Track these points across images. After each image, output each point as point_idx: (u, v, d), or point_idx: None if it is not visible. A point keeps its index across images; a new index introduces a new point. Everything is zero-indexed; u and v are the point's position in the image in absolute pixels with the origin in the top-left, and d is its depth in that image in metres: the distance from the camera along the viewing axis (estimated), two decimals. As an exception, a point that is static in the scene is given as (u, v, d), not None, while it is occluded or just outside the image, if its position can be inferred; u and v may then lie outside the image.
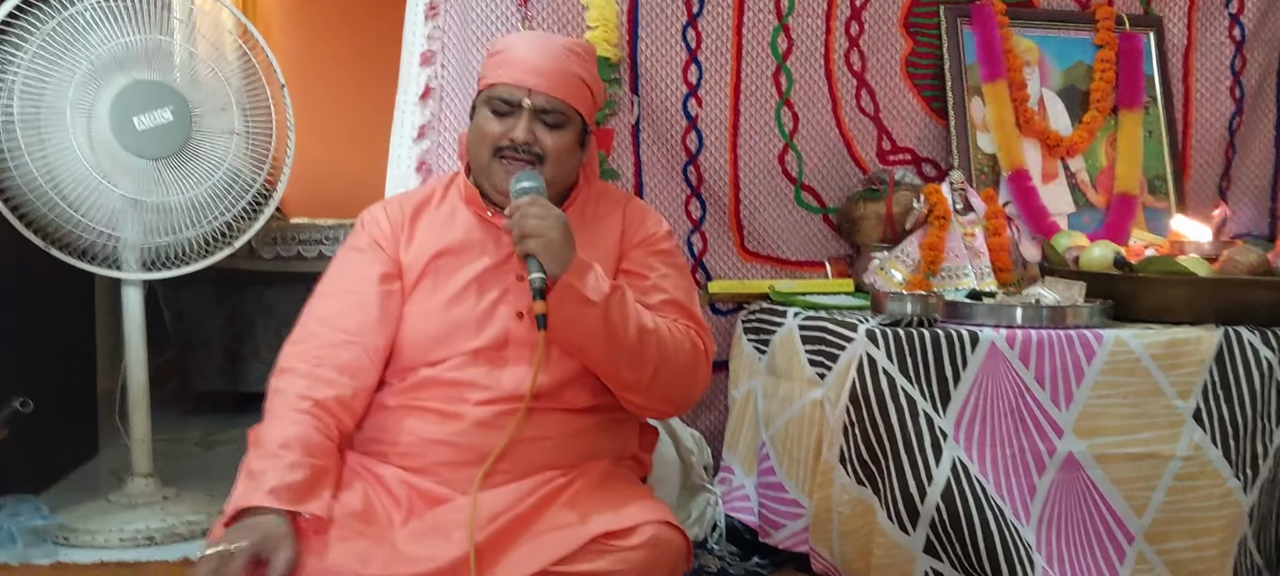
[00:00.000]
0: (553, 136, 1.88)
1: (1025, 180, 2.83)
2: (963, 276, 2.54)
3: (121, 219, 2.58)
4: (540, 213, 1.75)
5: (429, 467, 1.81)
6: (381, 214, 1.97)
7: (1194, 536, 2.08)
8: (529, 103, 1.87)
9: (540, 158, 1.87)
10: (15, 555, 2.46)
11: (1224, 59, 3.07)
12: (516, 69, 1.88)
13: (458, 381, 1.83)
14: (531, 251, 1.73)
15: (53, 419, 3.05)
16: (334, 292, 1.90)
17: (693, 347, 1.89)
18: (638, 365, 1.82)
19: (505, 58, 1.90)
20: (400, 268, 1.92)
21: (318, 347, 1.83)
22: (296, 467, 1.67)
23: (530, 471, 1.82)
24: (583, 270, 1.76)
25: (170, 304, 3.99)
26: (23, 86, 2.47)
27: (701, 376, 1.93)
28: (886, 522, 2.04)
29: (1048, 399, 2.06)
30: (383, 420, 1.86)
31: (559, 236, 1.74)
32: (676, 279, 1.97)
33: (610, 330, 1.78)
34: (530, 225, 1.73)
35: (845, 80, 2.82)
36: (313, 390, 1.77)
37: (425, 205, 1.99)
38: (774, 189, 2.78)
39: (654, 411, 1.97)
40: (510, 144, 1.86)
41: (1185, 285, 2.21)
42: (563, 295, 1.74)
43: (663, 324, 1.86)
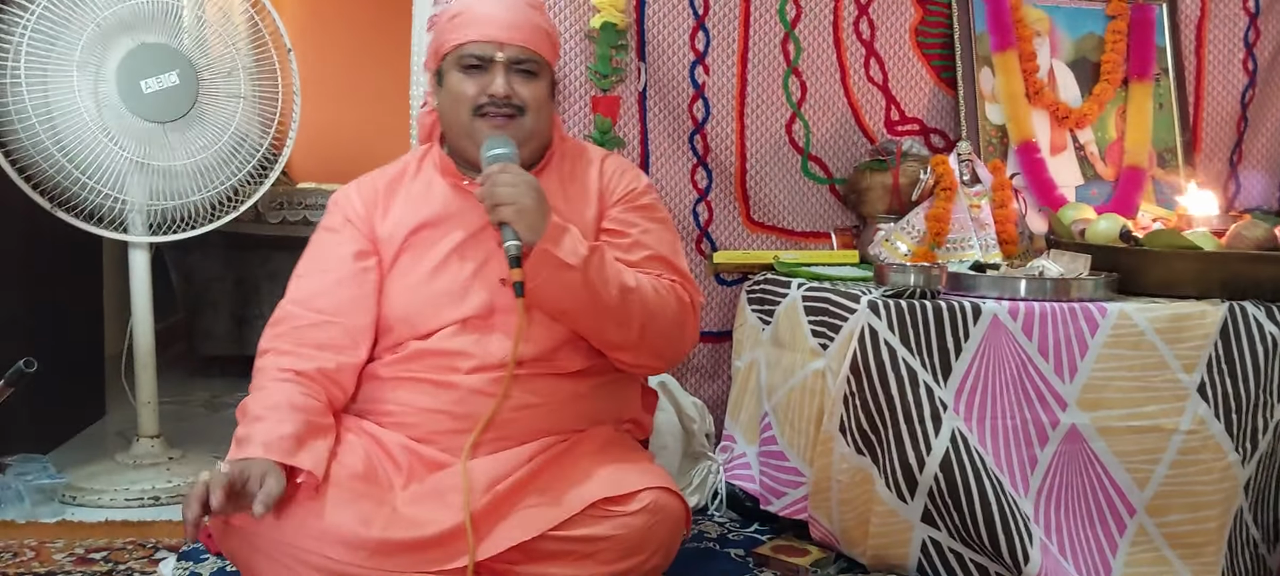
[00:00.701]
0: (530, 87, 1.88)
1: (1033, 152, 2.82)
2: (968, 248, 2.53)
3: (128, 181, 2.59)
4: (511, 180, 1.73)
5: (427, 436, 1.82)
6: (353, 193, 1.97)
7: (1194, 509, 2.08)
8: (502, 56, 1.86)
9: (520, 110, 1.87)
10: (23, 513, 2.49)
11: (1238, 30, 3.05)
12: (484, 25, 1.87)
13: (448, 351, 1.83)
14: (505, 219, 1.72)
15: (61, 380, 3.08)
16: (309, 273, 1.90)
17: (679, 301, 1.89)
18: (623, 324, 1.82)
19: (467, 17, 1.89)
20: (376, 244, 1.91)
21: (295, 328, 1.83)
22: (286, 422, 1.68)
23: (528, 437, 1.83)
24: (558, 234, 1.75)
25: (178, 267, 4.01)
26: (29, 48, 2.47)
27: (690, 329, 1.93)
28: (885, 492, 2.05)
29: (1051, 371, 2.06)
30: (378, 390, 1.87)
31: (532, 202, 1.73)
32: (659, 233, 1.95)
33: (591, 292, 1.77)
34: (502, 193, 1.72)
35: (854, 49, 2.81)
36: (295, 364, 1.78)
37: (399, 180, 1.97)
38: (781, 159, 2.77)
39: (645, 368, 1.96)
40: (490, 99, 1.85)
41: (1191, 259, 2.20)
42: (539, 261, 1.73)
43: (646, 280, 1.85)
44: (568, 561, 1.73)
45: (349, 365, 1.84)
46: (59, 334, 3.12)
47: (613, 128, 2.62)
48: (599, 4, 2.57)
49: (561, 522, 1.72)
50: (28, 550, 2.27)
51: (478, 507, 1.71)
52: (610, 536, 1.74)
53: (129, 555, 2.25)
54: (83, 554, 2.25)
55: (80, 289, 3.28)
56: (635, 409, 2.02)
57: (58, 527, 2.43)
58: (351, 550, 1.64)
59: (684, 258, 1.98)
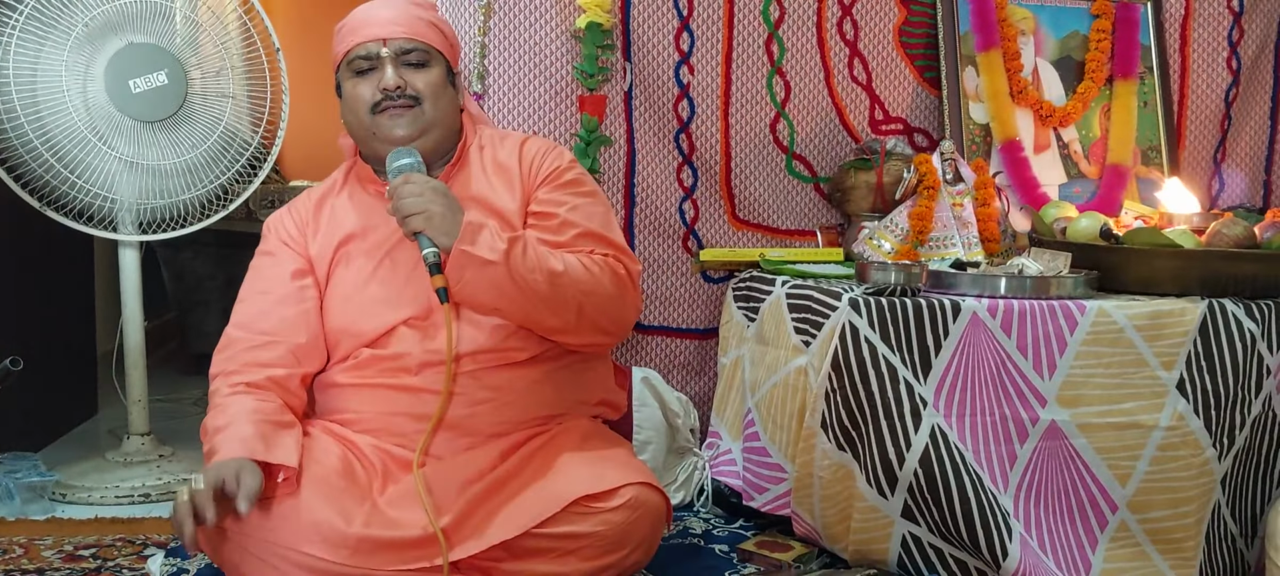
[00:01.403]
0: (421, 75, 1.90)
1: (1017, 150, 2.84)
2: (951, 246, 2.55)
3: (117, 180, 2.60)
4: (416, 189, 1.75)
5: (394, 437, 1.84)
6: (287, 215, 2.00)
7: (1174, 505, 2.09)
8: (386, 50, 1.89)
9: (416, 99, 1.88)
10: (13, 510, 2.51)
11: (1222, 30, 3.06)
12: (366, 28, 1.91)
13: (396, 353, 1.85)
14: (417, 228, 1.74)
15: (52, 378, 3.09)
16: (250, 297, 1.94)
17: (614, 276, 1.87)
18: (558, 309, 1.81)
19: (351, 25, 1.94)
20: (311, 262, 1.93)
21: (240, 351, 1.87)
22: (245, 425, 1.72)
23: (496, 432, 1.84)
24: (474, 233, 1.74)
25: (169, 265, 4.02)
26: (18, 48, 2.49)
27: (630, 300, 1.92)
28: (866, 487, 2.07)
29: (1030, 368, 2.08)
30: (337, 398, 1.89)
31: (440, 207, 1.74)
32: (589, 207, 1.94)
33: (518, 283, 1.76)
34: (408, 204, 1.74)
35: (837, 49, 2.82)
36: (244, 378, 1.81)
37: (325, 197, 2.01)
38: (765, 157, 2.79)
39: (592, 346, 1.95)
40: (384, 94, 1.88)
41: (1171, 257, 2.22)
42: (460, 262, 1.74)
43: (574, 260, 1.83)
44: (549, 558, 1.75)
45: (294, 381, 1.87)
46: (50, 332, 3.13)
47: (599, 127, 2.64)
48: (584, 4, 2.59)
49: (543, 520, 1.73)
50: (17, 547, 2.28)
51: (454, 507, 1.73)
52: (591, 533, 1.76)
53: (118, 552, 2.27)
54: (72, 551, 2.27)
55: (71, 287, 3.29)
56: (606, 388, 2.02)
57: (47, 525, 2.44)
58: (333, 547, 1.66)
59: (617, 229, 1.97)
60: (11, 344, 2.68)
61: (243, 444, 1.68)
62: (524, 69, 2.60)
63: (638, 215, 2.70)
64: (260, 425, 1.73)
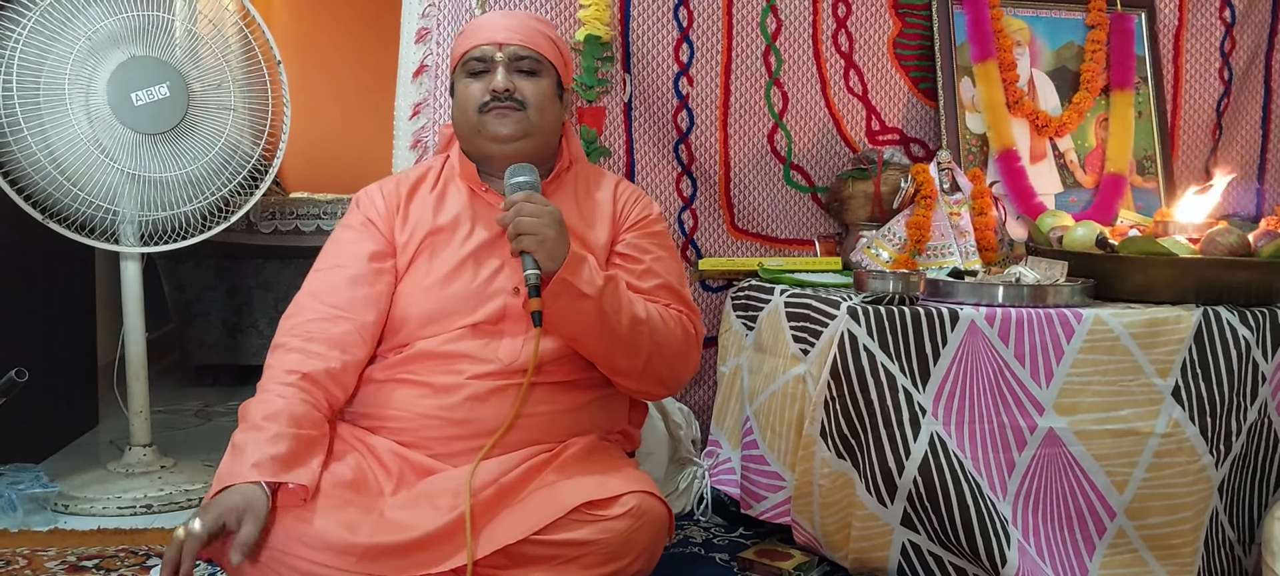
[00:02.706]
0: (531, 83, 1.95)
1: (1014, 160, 2.86)
2: (948, 255, 2.57)
3: (119, 193, 2.62)
4: (535, 210, 1.78)
5: (420, 441, 1.85)
6: (377, 193, 2.02)
7: (1171, 512, 2.11)
8: (501, 55, 1.94)
9: (522, 104, 1.93)
10: (15, 522, 2.51)
11: (1214, 40, 3.09)
12: (484, 32, 1.97)
13: (452, 354, 1.86)
14: (527, 249, 1.77)
15: (53, 390, 3.10)
16: (327, 267, 1.95)
17: (685, 333, 1.94)
18: (631, 353, 1.87)
19: (471, 28, 2.00)
20: (394, 247, 1.96)
21: (308, 321, 1.87)
22: (280, 439, 1.71)
23: (521, 446, 1.86)
24: (577, 264, 1.79)
25: (170, 277, 4.03)
26: (21, 61, 2.50)
27: (692, 360, 1.99)
28: (865, 495, 2.08)
29: (1027, 376, 2.09)
30: (373, 394, 1.90)
31: (554, 233, 1.77)
32: (669, 263, 2.02)
33: (604, 321, 1.81)
34: (526, 222, 1.76)
35: (833, 60, 2.85)
36: (301, 364, 1.81)
37: (419, 184, 2.03)
38: (764, 168, 2.81)
39: (647, 394, 2.02)
40: (491, 95, 1.92)
41: (1166, 265, 2.24)
42: (558, 290, 1.77)
43: (655, 310, 1.90)
44: (551, 565, 1.75)
45: (354, 364, 1.88)
46: (52, 344, 3.15)
47: (598, 138, 2.66)
48: (584, 16, 2.61)
49: (544, 526, 1.74)
50: (20, 559, 2.29)
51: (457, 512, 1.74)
52: (593, 540, 1.77)
53: (120, 563, 2.28)
54: (75, 562, 2.28)
55: (72, 299, 3.31)
56: (624, 421, 2.06)
57: (50, 536, 2.45)
58: (339, 555, 1.67)
59: (689, 289, 2.04)
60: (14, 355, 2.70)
61: (264, 466, 1.68)
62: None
63: (637, 225, 2.72)
64: (293, 440, 1.73)
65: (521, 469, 1.83)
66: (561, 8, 2.62)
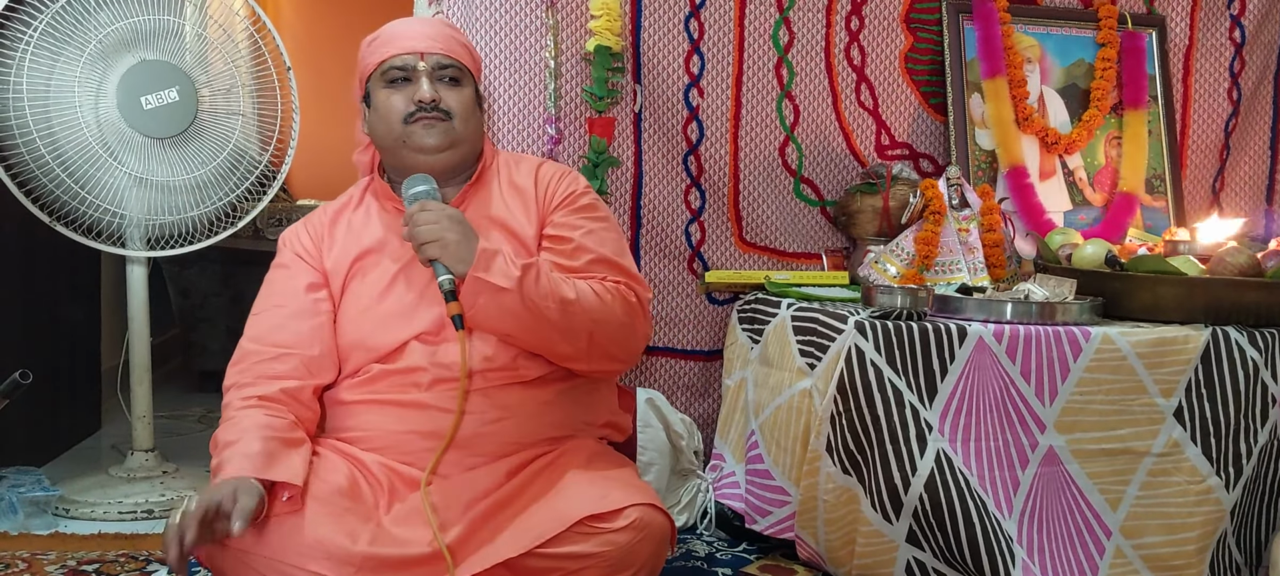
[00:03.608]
0: (454, 93, 1.92)
1: (1023, 177, 2.85)
2: (956, 271, 2.56)
3: (126, 196, 2.62)
4: (431, 217, 1.77)
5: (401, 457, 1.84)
6: (302, 230, 2.01)
7: (1170, 532, 2.10)
8: (423, 64, 1.91)
9: (448, 114, 1.90)
10: (16, 525, 2.51)
11: (1224, 60, 3.08)
12: (403, 40, 1.93)
13: (406, 368, 1.85)
14: (432, 256, 1.76)
15: (57, 393, 3.10)
16: (265, 310, 1.94)
17: (625, 304, 1.89)
18: (568, 336, 1.83)
19: (386, 36, 1.96)
20: (325, 276, 1.94)
21: (254, 364, 1.87)
22: (253, 442, 1.71)
23: (504, 452, 1.84)
24: (488, 260, 1.77)
25: (175, 282, 4.03)
26: (31, 64, 2.50)
27: (640, 329, 1.94)
28: (870, 511, 2.07)
29: (1032, 394, 2.08)
30: (346, 415, 1.89)
31: (456, 235, 1.76)
32: (602, 233, 1.96)
33: (531, 310, 1.78)
34: (423, 232, 1.76)
35: (845, 74, 2.84)
36: (258, 391, 1.81)
37: (341, 212, 2.02)
38: (773, 181, 2.80)
39: (600, 373, 1.97)
40: (418, 106, 1.89)
41: (1175, 284, 2.23)
42: (474, 289, 1.76)
43: (586, 287, 1.85)
44: (552, 579, 1.74)
45: (307, 394, 1.87)
46: (56, 347, 3.14)
47: (608, 148, 2.65)
48: (595, 27, 2.61)
49: (546, 540, 1.72)
50: (20, 562, 2.29)
51: (460, 526, 1.72)
52: (595, 553, 1.75)
53: (120, 568, 2.27)
54: (75, 566, 2.27)
55: (78, 302, 3.30)
56: (610, 410, 2.03)
57: (50, 540, 2.45)
58: (338, 565, 1.65)
59: (629, 256, 1.99)
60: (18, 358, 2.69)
61: (248, 461, 1.68)
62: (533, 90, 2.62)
63: (643, 236, 2.71)
64: (268, 442, 1.73)
65: (518, 478, 1.82)
66: (572, 18, 2.62)
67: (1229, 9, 3.07)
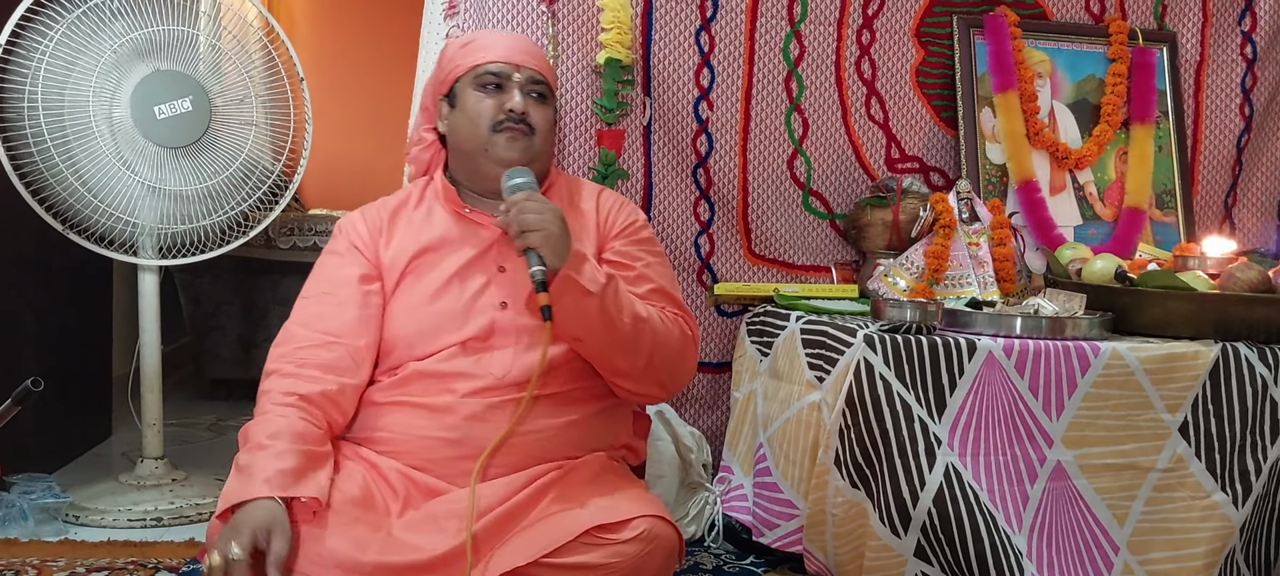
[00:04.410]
0: (540, 110, 1.96)
1: (1033, 191, 2.85)
2: (966, 285, 2.56)
3: (139, 205, 2.63)
4: (538, 207, 1.79)
5: (423, 463, 1.84)
6: (359, 219, 2.01)
7: (1176, 548, 2.09)
8: (520, 76, 1.95)
9: (532, 130, 1.94)
10: (26, 531, 2.52)
11: (1235, 76, 3.08)
12: (500, 49, 1.97)
13: (445, 372, 1.86)
14: (532, 245, 1.77)
15: (68, 400, 3.11)
16: (314, 295, 1.93)
17: (682, 335, 1.94)
18: (632, 353, 1.86)
19: (482, 42, 1.99)
20: (380, 269, 1.95)
21: (299, 348, 1.86)
22: (286, 455, 1.71)
23: (525, 464, 1.85)
24: (579, 261, 1.80)
25: (187, 290, 4.05)
26: (47, 73, 2.52)
27: (691, 361, 1.98)
28: (879, 526, 2.07)
29: (1040, 408, 2.08)
30: (374, 416, 1.89)
31: (558, 229, 1.78)
32: (659, 267, 2.01)
33: (607, 319, 1.82)
34: (530, 219, 1.77)
35: (855, 88, 2.85)
36: (298, 387, 1.81)
37: (402, 207, 2.03)
38: (782, 193, 2.81)
39: (646, 397, 2.00)
40: (507, 115, 1.93)
41: (1185, 300, 2.22)
42: (562, 286, 1.78)
43: (654, 312, 1.90)
44: (560, 589, 1.74)
45: (351, 387, 1.87)
46: (67, 354, 3.16)
47: (617, 160, 2.66)
48: (605, 40, 2.61)
49: (554, 549, 1.72)
50: (30, 568, 2.29)
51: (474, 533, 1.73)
52: (603, 564, 1.75)
53: (129, 575, 2.27)
54: (84, 573, 2.28)
55: (89, 310, 3.32)
56: (628, 434, 2.05)
57: (60, 546, 2.45)
58: (347, 574, 1.66)
59: (680, 292, 2.04)
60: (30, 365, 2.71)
61: (275, 481, 1.68)
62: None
63: (653, 248, 2.72)
64: (300, 455, 1.72)
65: (529, 490, 1.82)
66: (583, 30, 2.63)
67: (1240, 25, 3.07)
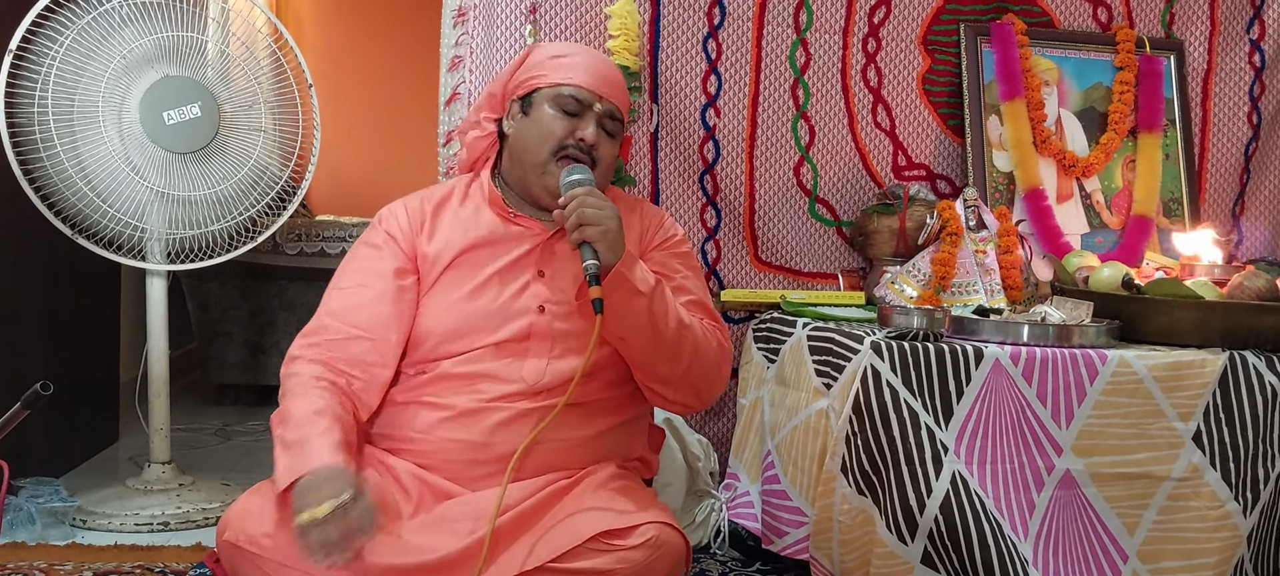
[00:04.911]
0: (608, 144, 1.96)
1: (1040, 199, 2.85)
2: (973, 293, 2.55)
3: (148, 210, 2.64)
4: (598, 203, 1.79)
5: (440, 465, 1.85)
6: (401, 210, 2.01)
7: (1188, 558, 2.08)
8: (600, 107, 1.94)
9: (594, 164, 1.93)
10: (34, 535, 2.53)
11: (1243, 84, 3.08)
12: (587, 74, 1.95)
13: (474, 374, 1.86)
14: (589, 238, 1.77)
15: (75, 405, 3.12)
16: (349, 287, 1.94)
17: (719, 346, 1.96)
18: (673, 358, 1.88)
19: (572, 61, 1.96)
20: (417, 263, 1.95)
21: (329, 340, 1.87)
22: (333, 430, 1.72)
23: (541, 471, 1.85)
24: (632, 261, 1.82)
25: (194, 296, 4.06)
26: (57, 79, 2.53)
27: (725, 373, 2.00)
28: (886, 533, 2.06)
29: (1048, 416, 2.08)
30: (395, 416, 1.90)
31: (616, 226, 1.79)
32: (696, 281, 2.04)
33: (653, 321, 1.83)
34: (589, 214, 1.77)
35: (861, 95, 2.85)
36: (327, 375, 1.82)
37: (446, 202, 2.02)
38: (789, 200, 2.81)
39: (681, 405, 2.00)
40: (576, 143, 1.92)
41: (1193, 308, 2.22)
42: (615, 283, 1.79)
43: (695, 321, 1.92)
44: (567, 595, 1.74)
45: (376, 385, 1.88)
46: (75, 359, 3.17)
47: (624, 166, 2.67)
48: (613, 46, 2.62)
49: (561, 554, 1.73)
50: (37, 572, 2.30)
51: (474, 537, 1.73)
52: (610, 570, 1.75)
53: (137, 578, 2.28)
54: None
55: (97, 315, 3.33)
56: (642, 448, 2.05)
57: (67, 550, 2.46)
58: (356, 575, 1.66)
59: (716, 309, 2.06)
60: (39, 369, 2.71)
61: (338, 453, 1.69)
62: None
63: (660, 255, 2.72)
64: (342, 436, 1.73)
65: (540, 495, 1.83)
66: (590, 37, 2.63)
67: (1248, 33, 3.07)
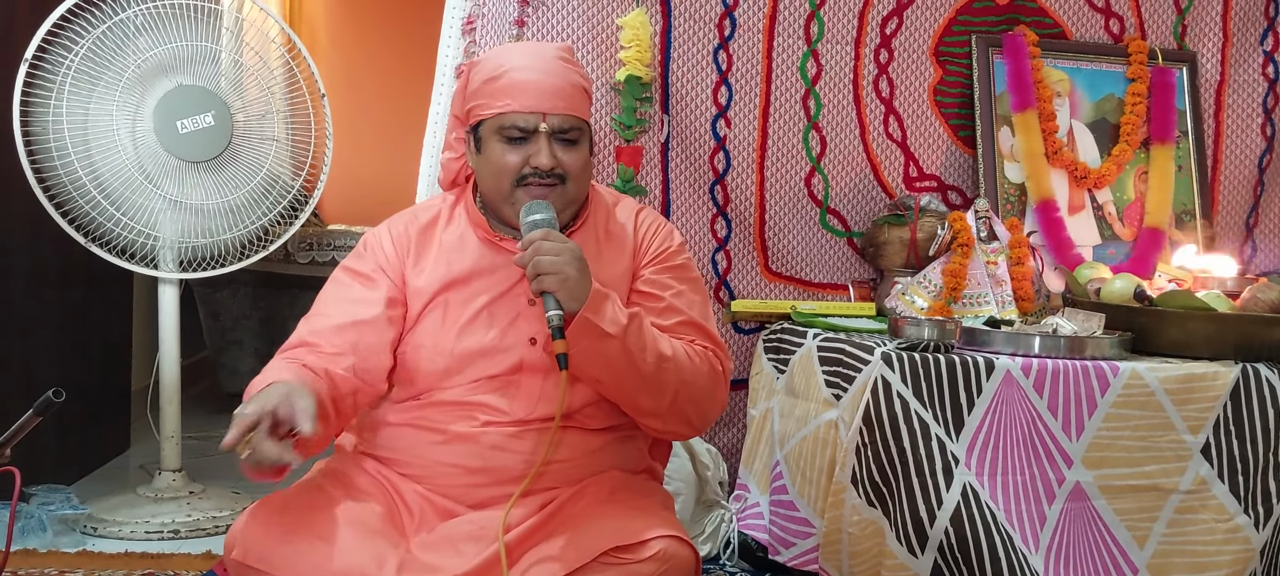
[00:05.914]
0: (572, 155, 1.84)
1: (1052, 210, 2.84)
2: (984, 304, 2.55)
3: (160, 219, 2.65)
4: (555, 248, 1.71)
5: (441, 488, 1.83)
6: (386, 237, 1.93)
7: (1197, 570, 2.07)
8: (545, 126, 1.81)
9: (562, 178, 1.83)
10: (44, 542, 2.53)
11: (1257, 96, 3.07)
12: (526, 94, 1.82)
13: (468, 403, 1.82)
14: (548, 288, 1.69)
15: (87, 412, 3.13)
16: (331, 311, 1.87)
17: (711, 370, 1.86)
18: (656, 392, 1.80)
19: (507, 83, 1.83)
20: (404, 292, 1.89)
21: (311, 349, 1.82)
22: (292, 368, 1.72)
23: (542, 490, 1.84)
24: (599, 302, 1.72)
25: (206, 304, 4.07)
26: (71, 88, 2.55)
27: (720, 398, 1.90)
28: (896, 545, 2.06)
29: (1059, 428, 2.07)
30: (392, 438, 1.86)
31: (575, 272, 1.70)
32: (691, 296, 1.92)
33: (629, 360, 1.75)
34: (545, 262, 1.70)
35: (873, 106, 2.85)
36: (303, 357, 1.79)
37: (432, 226, 1.94)
38: (800, 211, 2.81)
39: (672, 433, 1.95)
40: (533, 171, 1.81)
41: (1205, 320, 2.21)
42: (581, 329, 1.71)
43: (680, 348, 1.83)
44: (577, 609, 1.73)
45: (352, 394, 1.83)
46: (86, 366, 3.18)
47: (635, 177, 2.67)
48: (625, 57, 2.63)
49: (572, 571, 1.72)
50: (49, 578, 2.31)
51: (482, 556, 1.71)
52: (620, 586, 1.74)
53: (147, 586, 2.29)
54: (102, 583, 2.29)
55: (109, 323, 3.34)
56: (646, 460, 2.01)
57: (78, 558, 2.47)
58: (364, 588, 1.66)
59: (714, 322, 1.95)
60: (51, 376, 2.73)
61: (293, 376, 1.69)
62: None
63: (670, 265, 2.72)
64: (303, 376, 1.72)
65: (547, 510, 1.81)
66: (602, 48, 2.64)
67: (1262, 45, 3.06)
